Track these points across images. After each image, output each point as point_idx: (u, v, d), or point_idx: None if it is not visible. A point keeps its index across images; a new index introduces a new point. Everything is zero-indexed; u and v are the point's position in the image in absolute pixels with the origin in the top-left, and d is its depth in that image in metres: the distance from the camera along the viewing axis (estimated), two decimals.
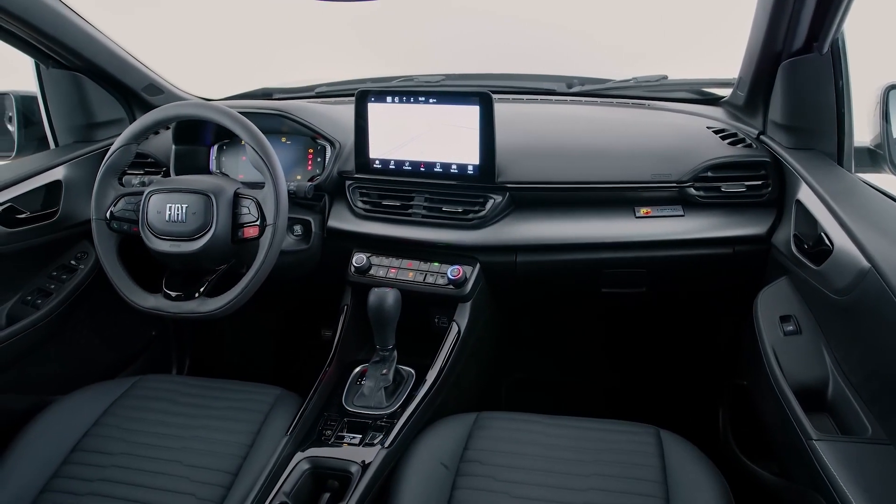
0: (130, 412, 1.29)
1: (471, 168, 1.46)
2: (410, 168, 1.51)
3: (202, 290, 1.33)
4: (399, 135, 1.49)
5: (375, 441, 1.22)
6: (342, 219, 1.58)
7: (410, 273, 1.50)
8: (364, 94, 1.49)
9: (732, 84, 1.57)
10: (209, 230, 1.30)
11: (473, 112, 1.41)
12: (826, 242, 1.10)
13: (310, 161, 1.65)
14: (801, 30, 1.23)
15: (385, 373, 1.36)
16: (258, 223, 1.31)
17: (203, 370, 2.02)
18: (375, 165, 1.53)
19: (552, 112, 1.72)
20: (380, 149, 1.51)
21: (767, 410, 1.21)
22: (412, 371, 1.42)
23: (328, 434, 1.25)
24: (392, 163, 1.52)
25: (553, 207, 1.49)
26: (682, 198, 1.43)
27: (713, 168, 1.41)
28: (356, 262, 1.52)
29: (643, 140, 1.53)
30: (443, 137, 1.46)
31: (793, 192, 1.30)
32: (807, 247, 1.20)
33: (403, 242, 1.52)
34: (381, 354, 1.38)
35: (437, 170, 1.48)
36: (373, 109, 1.49)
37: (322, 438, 1.24)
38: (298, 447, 1.20)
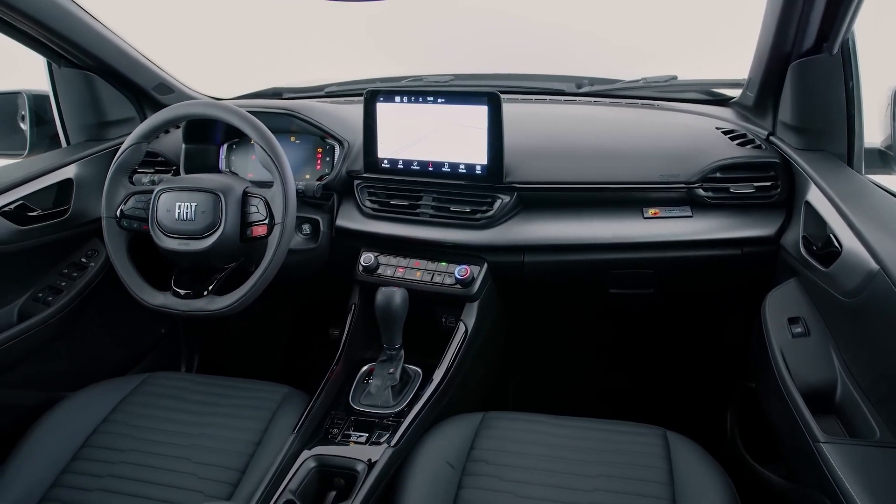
0: (139, 409, 1.30)
1: (479, 168, 1.46)
2: (419, 168, 1.51)
3: (211, 289, 1.34)
4: (408, 134, 1.50)
5: (382, 440, 1.22)
6: (350, 218, 1.58)
7: (418, 272, 1.50)
8: (373, 94, 1.49)
9: (742, 85, 1.56)
10: (218, 229, 1.30)
11: (482, 112, 1.41)
12: (835, 244, 1.10)
13: (318, 160, 1.66)
14: (811, 30, 1.22)
15: (392, 372, 1.36)
16: (267, 222, 1.32)
17: (211, 368, 2.03)
18: (384, 165, 1.53)
19: (561, 112, 1.72)
20: (388, 148, 1.52)
21: (775, 412, 1.20)
22: (419, 370, 1.42)
23: (335, 432, 1.26)
24: (400, 162, 1.52)
25: (561, 208, 1.48)
26: (691, 198, 1.43)
27: (722, 169, 1.41)
28: (364, 262, 1.52)
29: (652, 140, 1.52)
30: (451, 137, 1.46)
31: (802, 194, 1.29)
32: (816, 248, 1.20)
33: (411, 242, 1.52)
34: (389, 353, 1.39)
35: (446, 170, 1.49)
36: (381, 109, 1.49)
37: (329, 437, 1.25)
38: (305, 445, 1.21)
